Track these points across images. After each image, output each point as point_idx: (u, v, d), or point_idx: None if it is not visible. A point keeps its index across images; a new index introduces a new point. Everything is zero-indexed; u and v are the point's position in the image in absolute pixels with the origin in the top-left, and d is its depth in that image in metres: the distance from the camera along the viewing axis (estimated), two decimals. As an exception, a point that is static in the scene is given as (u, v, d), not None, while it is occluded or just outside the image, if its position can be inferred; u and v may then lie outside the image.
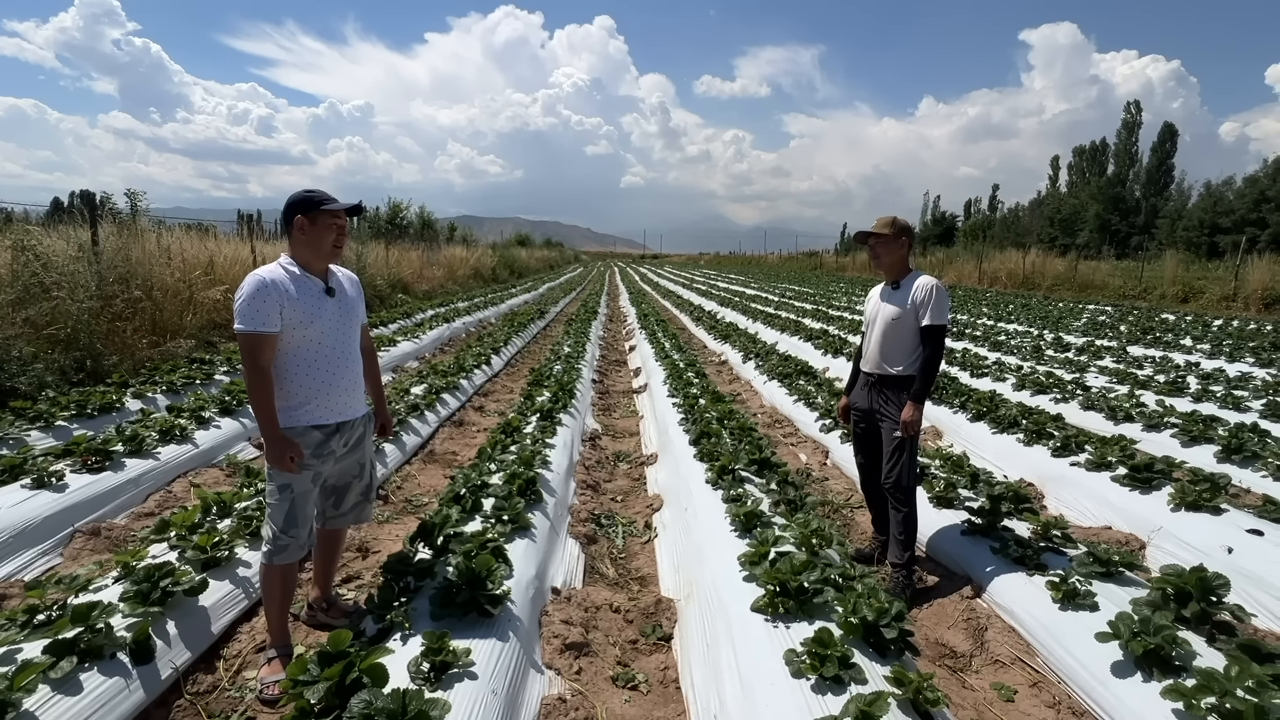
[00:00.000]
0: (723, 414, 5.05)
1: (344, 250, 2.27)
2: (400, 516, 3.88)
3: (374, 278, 14.30)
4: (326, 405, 2.26)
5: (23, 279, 6.59)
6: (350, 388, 2.33)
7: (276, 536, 2.24)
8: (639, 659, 2.55)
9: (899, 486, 2.96)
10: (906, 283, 3.01)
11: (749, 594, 2.46)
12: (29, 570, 3.03)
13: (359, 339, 2.41)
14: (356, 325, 2.38)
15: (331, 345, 2.25)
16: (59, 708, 1.87)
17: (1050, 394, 6.18)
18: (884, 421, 3.03)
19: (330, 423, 2.28)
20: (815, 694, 1.91)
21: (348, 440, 2.36)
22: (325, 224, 2.18)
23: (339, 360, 2.27)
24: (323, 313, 2.21)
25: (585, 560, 3.32)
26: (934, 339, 2.91)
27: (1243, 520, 3.25)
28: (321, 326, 2.21)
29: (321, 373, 2.23)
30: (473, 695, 1.90)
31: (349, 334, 2.32)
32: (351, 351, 2.33)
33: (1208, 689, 1.83)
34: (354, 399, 2.36)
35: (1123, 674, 2.13)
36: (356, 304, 2.39)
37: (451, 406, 6.20)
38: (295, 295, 2.15)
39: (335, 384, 2.26)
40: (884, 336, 3.02)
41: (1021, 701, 2.29)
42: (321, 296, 2.23)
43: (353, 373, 2.34)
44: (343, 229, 2.23)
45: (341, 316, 2.29)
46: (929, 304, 2.90)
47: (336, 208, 2.19)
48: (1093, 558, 2.70)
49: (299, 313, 2.15)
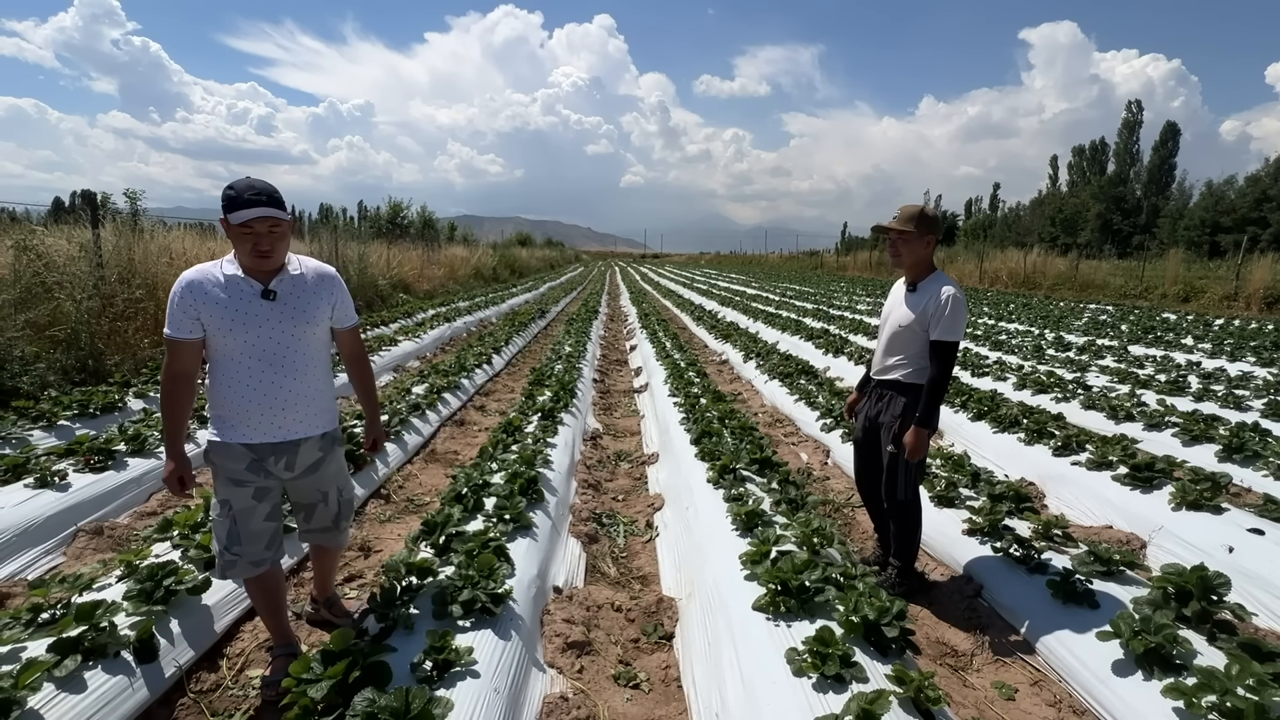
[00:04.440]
0: (724, 413, 5.06)
1: (275, 254, 1.96)
2: (402, 516, 3.88)
3: (375, 277, 14.31)
4: (256, 423, 2.01)
5: (24, 279, 6.61)
6: (291, 405, 2.03)
7: (221, 553, 2.10)
8: (641, 658, 2.55)
9: (894, 500, 2.80)
10: (925, 286, 2.72)
11: (750, 593, 2.46)
12: (32, 569, 3.04)
13: (316, 347, 2.11)
14: (310, 331, 2.07)
15: (262, 356, 1.98)
16: (63, 706, 1.88)
17: (1051, 393, 6.18)
18: (883, 429, 2.82)
19: (257, 443, 2.02)
20: (817, 692, 1.91)
21: (291, 464, 2.09)
22: (236, 232, 1.91)
23: (274, 373, 1.99)
24: (250, 319, 1.95)
25: (587, 559, 3.32)
26: (943, 356, 2.61)
27: (1244, 519, 3.26)
28: (247, 335, 1.95)
29: (248, 387, 1.98)
30: (475, 694, 1.91)
31: (292, 343, 2.02)
32: (295, 363, 2.04)
33: (1208, 687, 1.84)
34: (297, 418, 2.06)
35: (1123, 673, 2.13)
36: (311, 307, 2.06)
37: (453, 406, 6.20)
38: (220, 298, 1.93)
39: (268, 400, 2.00)
40: (891, 340, 2.81)
41: (1022, 700, 2.29)
42: (254, 301, 1.96)
43: (297, 388, 2.04)
44: (260, 238, 1.91)
45: (282, 323, 2.00)
46: (942, 317, 2.59)
47: (238, 218, 1.87)
48: (1094, 556, 2.70)
49: (220, 318, 1.93)
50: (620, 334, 12.79)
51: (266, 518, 2.12)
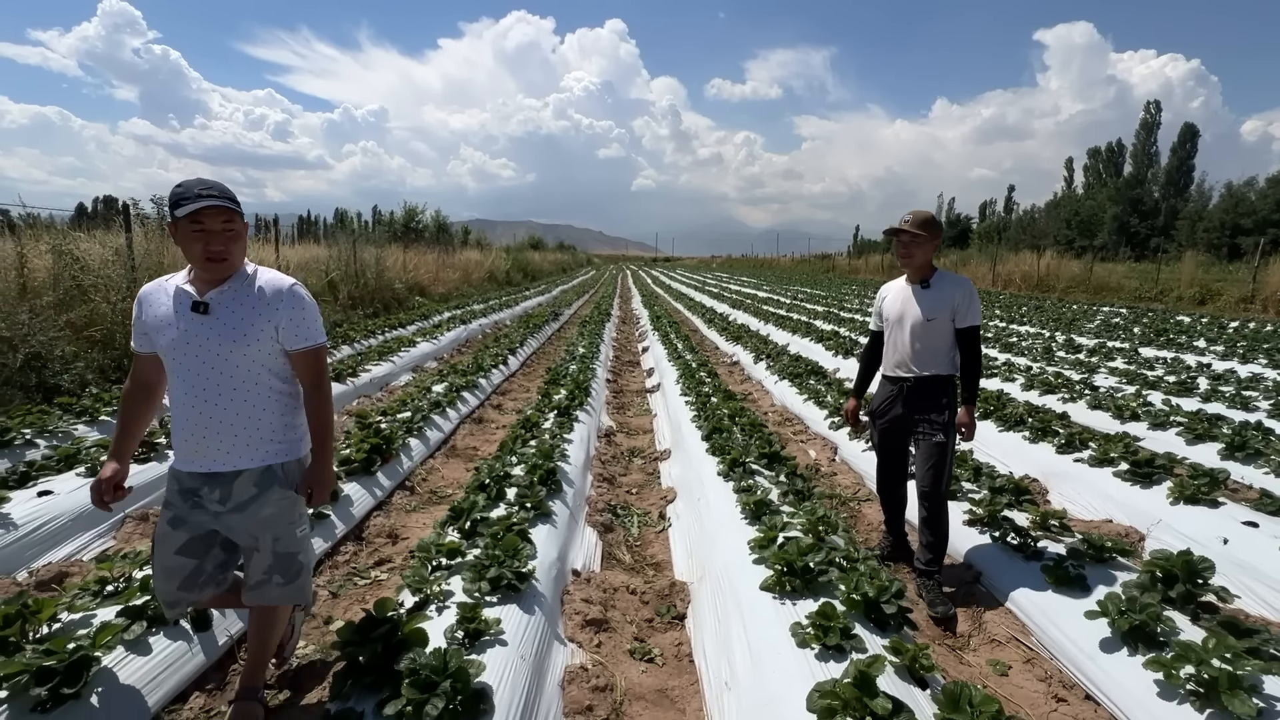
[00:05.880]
0: (734, 411, 5.21)
1: (230, 259, 1.80)
2: (425, 506, 4.08)
3: (392, 281, 14.63)
4: (181, 449, 1.84)
5: (64, 283, 6.93)
6: (215, 431, 1.81)
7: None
8: (655, 635, 2.72)
9: (937, 494, 2.87)
10: (938, 281, 2.91)
11: (758, 575, 2.62)
12: (87, 551, 3.26)
13: (250, 370, 1.83)
14: (242, 352, 1.80)
15: (189, 375, 1.79)
16: (132, 665, 2.08)
17: (1058, 394, 6.26)
18: (923, 426, 2.90)
19: (185, 470, 1.84)
20: (819, 661, 2.06)
21: (224, 497, 1.85)
22: (184, 232, 1.73)
23: (200, 394, 1.79)
24: (180, 335, 1.77)
25: (603, 547, 3.49)
26: (975, 339, 2.87)
27: (1240, 513, 3.36)
28: (175, 352, 1.78)
29: (178, 408, 1.82)
30: (504, 659, 2.08)
31: (221, 363, 1.79)
32: (224, 385, 1.80)
33: (1185, 659, 1.97)
34: (220, 448, 1.82)
35: (1110, 649, 2.26)
36: (245, 324, 1.80)
37: (471, 404, 6.41)
38: (160, 312, 1.80)
39: (189, 425, 1.81)
40: (918, 338, 2.89)
41: (1015, 676, 2.43)
42: (183, 314, 1.78)
43: (224, 414, 1.81)
44: (212, 236, 1.74)
45: (210, 340, 1.77)
46: (969, 304, 2.84)
47: (184, 211, 1.69)
48: (1087, 544, 2.83)
49: (157, 333, 1.80)
50: (632, 336, 12.97)
51: (179, 550, 1.87)
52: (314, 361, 1.93)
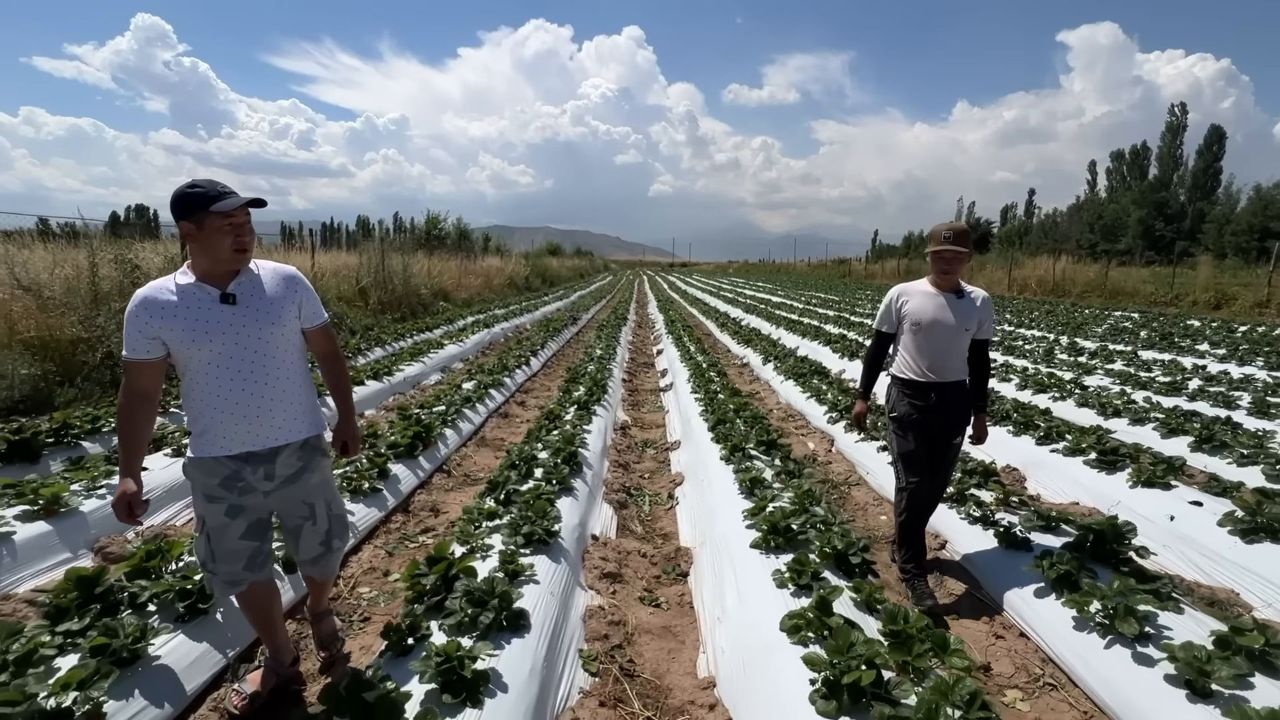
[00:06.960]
0: (739, 405, 5.68)
1: (249, 250, 1.91)
2: (461, 487, 4.61)
3: (418, 286, 15.31)
4: (232, 434, 1.93)
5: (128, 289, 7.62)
6: (266, 411, 1.95)
7: (202, 565, 2.04)
8: (661, 588, 3.20)
9: (946, 487, 3.21)
10: (969, 293, 2.96)
11: (750, 537, 3.09)
12: (179, 518, 3.84)
13: (287, 349, 2.01)
14: (277, 333, 1.97)
15: (229, 364, 1.89)
16: (243, 594, 2.61)
17: (1049, 393, 6.62)
18: (957, 430, 3.01)
19: (232, 453, 1.94)
20: (793, 597, 2.53)
21: (270, 473, 1.98)
22: (215, 226, 1.80)
23: (246, 378, 1.91)
24: (213, 327, 1.86)
25: (618, 520, 3.98)
26: (988, 350, 3.04)
27: (1189, 495, 3.75)
28: (211, 344, 1.87)
29: (219, 397, 1.90)
30: (537, 593, 2.58)
31: (261, 345, 1.93)
32: (267, 366, 1.95)
33: (1093, 596, 2.40)
34: (274, 424, 1.97)
35: (1042, 595, 2.69)
36: (275, 308, 1.97)
37: (497, 400, 6.95)
38: (177, 312, 1.84)
39: (241, 409, 1.91)
40: (953, 346, 2.92)
41: (964, 621, 2.86)
42: (214, 308, 1.87)
43: (271, 391, 1.96)
44: (241, 228, 1.86)
45: (247, 326, 1.91)
46: (989, 318, 2.98)
47: (227, 206, 1.80)
48: (1036, 514, 3.25)
49: (180, 332, 1.84)
50: (647, 339, 13.48)
51: (243, 535, 2.00)
52: (327, 335, 2.18)
